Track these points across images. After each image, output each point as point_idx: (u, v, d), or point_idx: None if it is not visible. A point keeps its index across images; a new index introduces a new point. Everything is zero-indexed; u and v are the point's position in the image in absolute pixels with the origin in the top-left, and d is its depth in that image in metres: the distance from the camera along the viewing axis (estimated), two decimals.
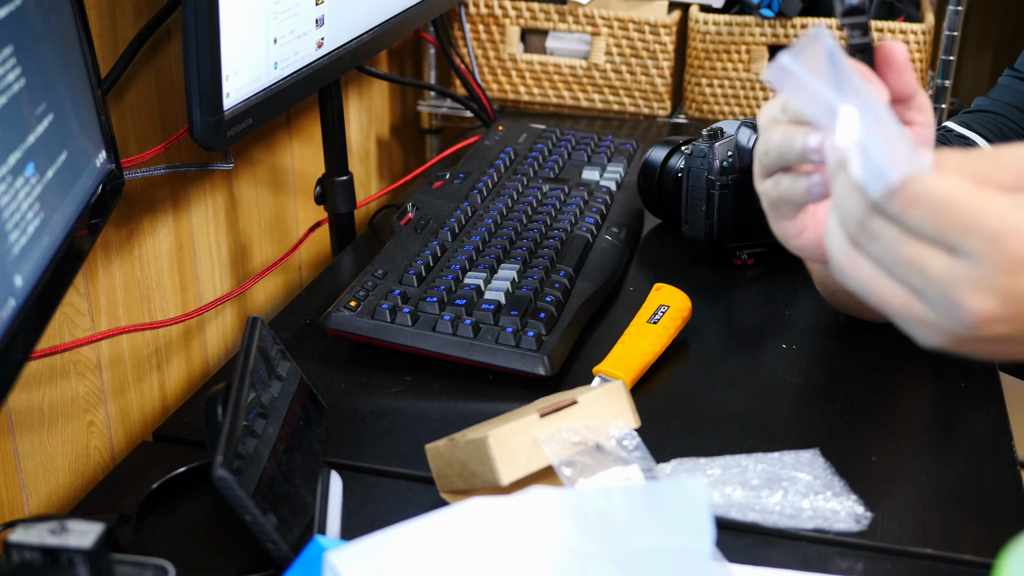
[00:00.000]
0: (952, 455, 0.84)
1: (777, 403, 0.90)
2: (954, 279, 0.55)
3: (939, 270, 0.55)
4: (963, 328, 0.56)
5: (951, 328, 0.57)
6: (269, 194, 1.29)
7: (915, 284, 0.57)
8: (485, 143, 1.31)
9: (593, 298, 1.01)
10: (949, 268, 0.55)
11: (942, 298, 0.56)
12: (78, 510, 0.80)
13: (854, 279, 0.59)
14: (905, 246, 0.56)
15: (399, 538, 0.62)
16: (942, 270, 0.55)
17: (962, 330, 0.56)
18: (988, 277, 0.54)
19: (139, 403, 1.06)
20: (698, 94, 1.59)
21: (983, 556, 0.73)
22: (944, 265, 0.55)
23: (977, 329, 0.56)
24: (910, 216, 0.55)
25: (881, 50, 0.67)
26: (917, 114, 0.71)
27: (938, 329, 0.57)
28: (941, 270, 0.55)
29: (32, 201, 0.66)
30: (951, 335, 0.57)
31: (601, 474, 0.73)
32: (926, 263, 0.56)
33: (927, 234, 0.55)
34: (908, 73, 0.68)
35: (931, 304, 0.57)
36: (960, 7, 1.51)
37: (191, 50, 0.87)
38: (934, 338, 0.58)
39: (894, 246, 0.56)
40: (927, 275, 0.56)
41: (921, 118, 0.71)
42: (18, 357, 0.64)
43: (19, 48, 0.65)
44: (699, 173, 1.08)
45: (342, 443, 0.85)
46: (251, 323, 0.77)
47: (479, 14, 1.60)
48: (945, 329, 0.57)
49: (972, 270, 0.54)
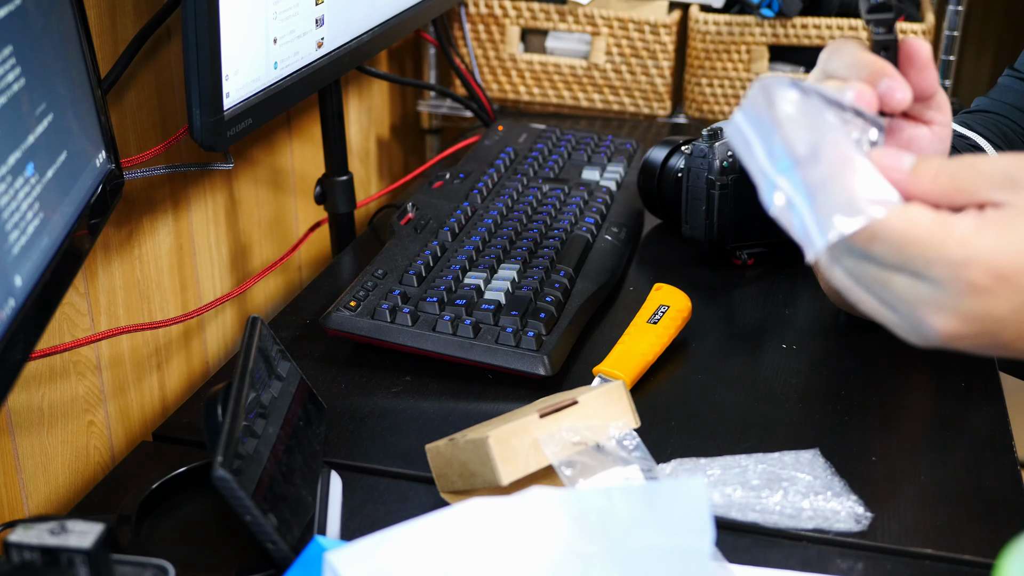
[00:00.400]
0: (952, 455, 0.84)
1: (777, 403, 0.90)
2: (918, 300, 0.58)
3: (904, 290, 0.58)
4: (929, 342, 0.59)
5: (919, 340, 0.60)
6: (269, 194, 1.29)
7: (883, 299, 0.60)
8: (485, 143, 1.31)
9: (593, 298, 1.01)
10: (913, 289, 0.58)
11: (908, 316, 0.59)
12: (78, 510, 0.80)
13: (833, 282, 0.62)
14: (871, 270, 0.59)
15: (399, 538, 0.62)
16: (907, 291, 0.58)
17: (929, 343, 0.60)
18: (951, 301, 0.57)
19: (139, 403, 1.06)
20: (698, 94, 1.59)
21: (983, 556, 0.73)
22: (908, 286, 0.58)
23: (944, 343, 0.59)
24: (872, 251, 0.58)
25: (904, 47, 0.67)
26: (936, 113, 0.71)
27: (910, 334, 0.60)
28: (906, 290, 0.58)
29: (32, 201, 0.66)
30: (923, 340, 0.60)
31: (601, 474, 0.73)
32: (891, 283, 0.58)
33: (891, 265, 0.58)
34: (930, 71, 0.68)
35: (900, 316, 0.60)
36: (960, 7, 1.51)
37: (191, 50, 0.87)
38: (910, 338, 0.61)
39: (861, 266, 0.59)
40: (893, 293, 0.59)
41: (940, 117, 0.72)
42: (18, 357, 0.64)
43: (19, 48, 0.65)
44: (699, 173, 1.08)
45: (342, 443, 0.85)
46: (251, 323, 0.77)
47: (479, 14, 1.60)
48: (916, 336, 0.60)
49: (935, 293, 0.57)
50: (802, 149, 0.58)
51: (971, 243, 0.56)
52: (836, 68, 0.66)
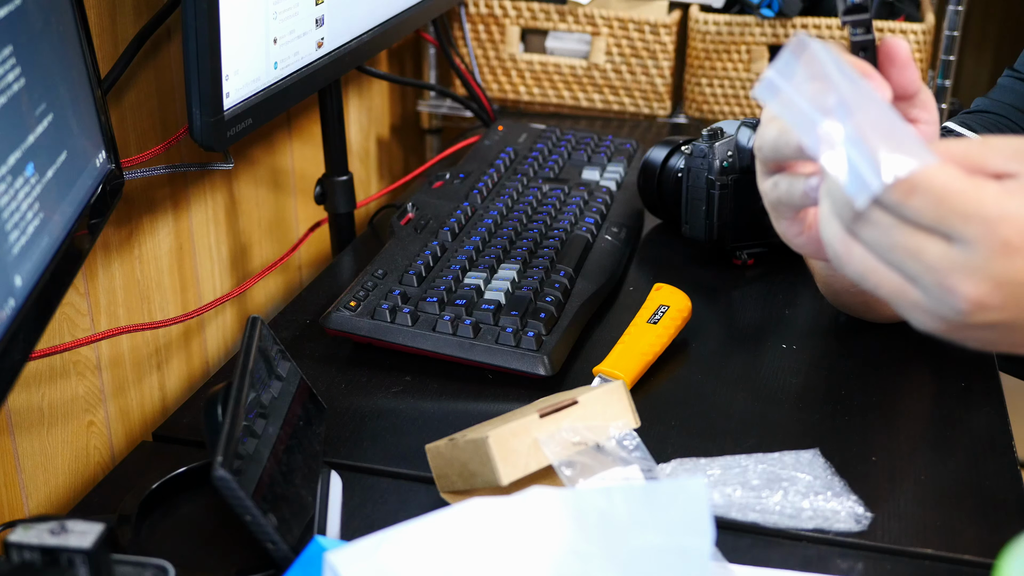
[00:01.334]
0: (952, 455, 0.84)
1: (777, 403, 0.90)
2: (950, 266, 0.56)
3: (935, 257, 0.56)
4: (955, 314, 0.57)
5: (944, 314, 0.57)
6: (269, 194, 1.29)
7: (910, 271, 0.58)
8: (485, 143, 1.31)
9: (593, 298, 1.01)
10: (945, 255, 0.56)
11: (936, 285, 0.57)
12: (78, 510, 0.80)
13: (849, 266, 0.60)
14: (901, 234, 0.57)
15: (399, 538, 0.62)
16: (938, 257, 0.56)
17: (954, 316, 0.57)
18: (982, 263, 0.55)
19: (139, 403, 1.06)
20: (698, 94, 1.59)
21: (983, 556, 0.73)
22: (940, 252, 0.56)
23: (969, 315, 0.56)
24: (908, 205, 0.56)
25: (883, 47, 0.67)
26: (921, 111, 0.71)
27: (931, 314, 0.58)
28: (937, 257, 0.56)
29: (32, 201, 0.66)
30: (944, 320, 0.58)
31: (601, 474, 0.73)
32: (922, 251, 0.57)
33: (925, 223, 0.56)
34: (911, 70, 0.68)
35: (925, 290, 0.57)
36: (960, 7, 1.51)
37: (191, 50, 0.87)
38: (928, 323, 0.59)
39: (890, 234, 0.57)
40: (923, 262, 0.57)
41: (925, 115, 0.71)
42: (18, 357, 0.64)
43: (19, 48, 0.65)
44: (699, 173, 1.08)
45: (342, 443, 0.85)
46: (251, 323, 0.77)
47: (479, 14, 1.60)
48: (938, 314, 0.58)
49: (967, 256, 0.55)
50: (850, 97, 0.58)
51: (1004, 201, 0.55)
52: None
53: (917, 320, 0.60)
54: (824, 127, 0.58)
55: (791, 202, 0.70)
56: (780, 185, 0.70)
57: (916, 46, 1.51)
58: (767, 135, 0.69)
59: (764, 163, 0.71)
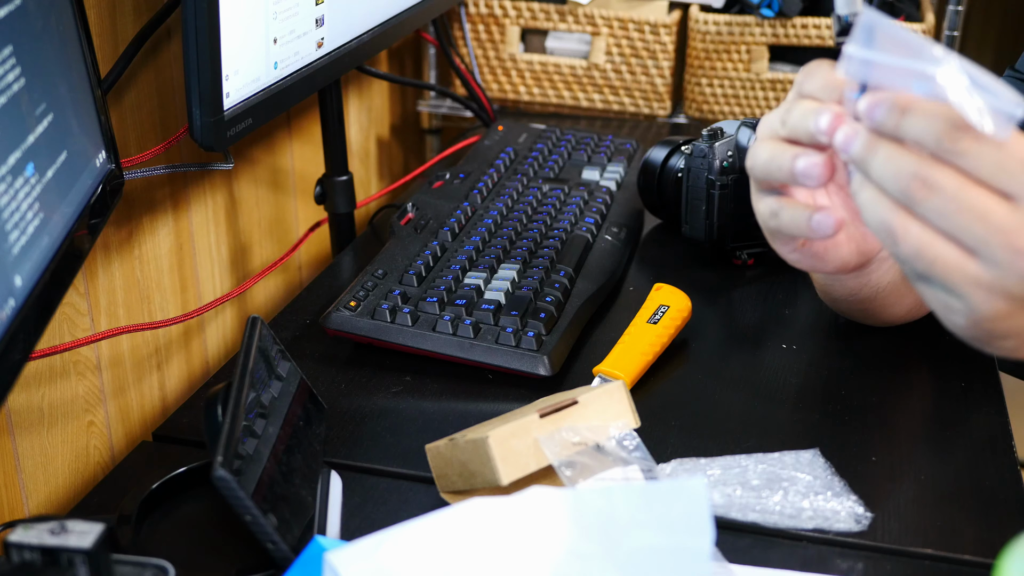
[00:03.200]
0: (952, 455, 0.84)
1: (777, 403, 0.90)
2: (1019, 225, 0.55)
3: (1003, 218, 0.56)
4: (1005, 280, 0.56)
5: (1009, 284, 0.56)
6: (269, 194, 1.29)
7: (975, 236, 0.57)
8: (485, 143, 1.31)
9: (593, 298, 1.01)
10: (1013, 215, 0.55)
11: (1004, 248, 0.56)
12: (78, 510, 0.80)
13: (905, 244, 0.59)
14: (969, 194, 0.56)
15: (399, 538, 0.62)
16: (1006, 218, 0.56)
17: (1020, 285, 0.56)
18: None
19: (139, 403, 1.06)
20: (698, 94, 1.59)
21: (983, 556, 0.73)
22: (1007, 213, 0.55)
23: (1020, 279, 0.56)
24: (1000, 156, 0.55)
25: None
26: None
27: (992, 289, 0.57)
28: (1005, 218, 0.56)
29: (32, 201, 0.66)
30: (1007, 294, 0.57)
31: (601, 474, 0.73)
32: (990, 211, 0.56)
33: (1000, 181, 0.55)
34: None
35: (989, 259, 0.57)
36: (960, 7, 1.51)
37: (191, 50, 0.87)
38: (985, 304, 0.58)
39: (957, 195, 0.56)
40: (990, 223, 0.56)
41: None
42: (18, 357, 0.64)
43: (19, 48, 0.65)
44: (699, 173, 1.08)
45: (342, 443, 0.85)
46: (251, 323, 0.77)
47: (479, 14, 1.60)
48: (1002, 287, 0.57)
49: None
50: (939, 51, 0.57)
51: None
52: (811, 90, 0.66)
53: (974, 303, 0.58)
54: (943, 72, 0.56)
55: (795, 233, 0.69)
56: (782, 216, 0.69)
57: None
58: (759, 157, 0.69)
59: (755, 180, 0.71)
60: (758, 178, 0.70)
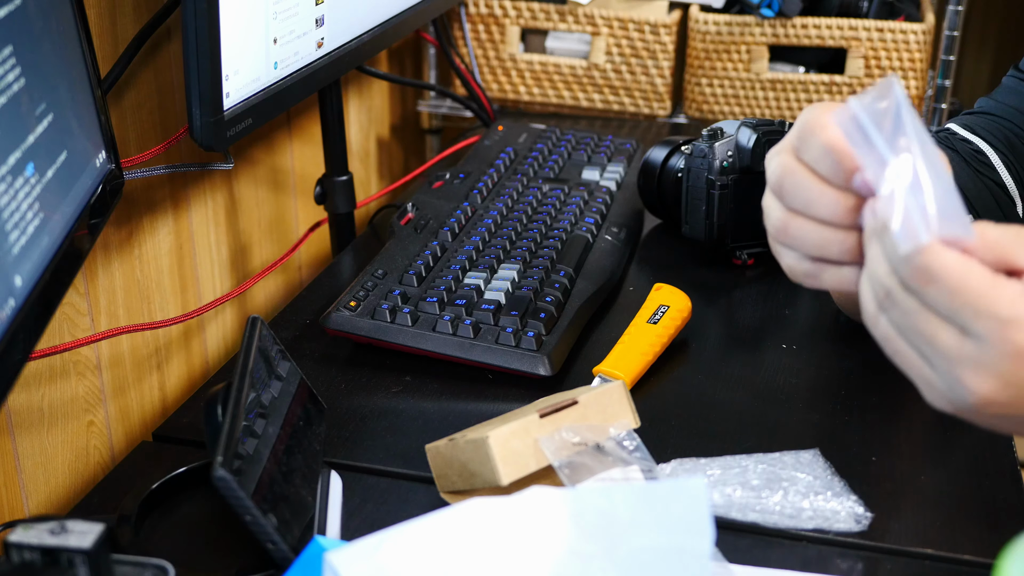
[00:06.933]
0: (952, 456, 0.84)
1: (777, 403, 0.90)
2: (960, 357, 0.58)
3: (948, 346, 0.58)
4: (963, 403, 0.59)
5: (953, 399, 0.60)
6: (269, 194, 1.29)
7: (926, 353, 0.60)
8: (485, 143, 1.31)
9: (593, 298, 1.01)
10: (958, 346, 0.58)
11: (948, 373, 0.59)
12: (78, 510, 0.80)
13: (875, 332, 0.63)
14: (921, 319, 0.59)
15: (399, 538, 0.62)
16: (951, 347, 0.58)
17: (962, 404, 0.59)
18: (993, 361, 0.57)
19: (139, 403, 1.06)
20: (698, 94, 1.59)
21: (983, 556, 0.73)
22: (953, 343, 0.58)
23: (977, 406, 0.59)
24: (927, 292, 0.58)
25: None
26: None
27: (942, 396, 0.60)
28: (950, 347, 0.58)
29: (32, 201, 0.66)
30: (953, 405, 0.60)
31: (601, 474, 0.73)
32: (937, 337, 0.58)
33: (941, 311, 0.58)
34: None
35: (938, 373, 0.60)
36: (960, 7, 1.51)
37: (191, 50, 0.87)
38: (939, 402, 0.61)
39: (911, 317, 0.59)
40: (937, 348, 0.59)
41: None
42: (18, 357, 0.64)
43: (19, 48, 0.65)
44: (699, 173, 1.08)
45: (342, 443, 0.85)
46: (251, 323, 0.77)
47: (479, 14, 1.60)
48: (948, 399, 0.60)
49: (979, 352, 0.57)
50: (919, 151, 0.58)
51: (1019, 304, 0.56)
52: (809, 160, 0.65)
53: (929, 397, 0.62)
54: (893, 167, 0.59)
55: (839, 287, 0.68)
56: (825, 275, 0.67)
57: (916, 46, 1.51)
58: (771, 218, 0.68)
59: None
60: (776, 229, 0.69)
